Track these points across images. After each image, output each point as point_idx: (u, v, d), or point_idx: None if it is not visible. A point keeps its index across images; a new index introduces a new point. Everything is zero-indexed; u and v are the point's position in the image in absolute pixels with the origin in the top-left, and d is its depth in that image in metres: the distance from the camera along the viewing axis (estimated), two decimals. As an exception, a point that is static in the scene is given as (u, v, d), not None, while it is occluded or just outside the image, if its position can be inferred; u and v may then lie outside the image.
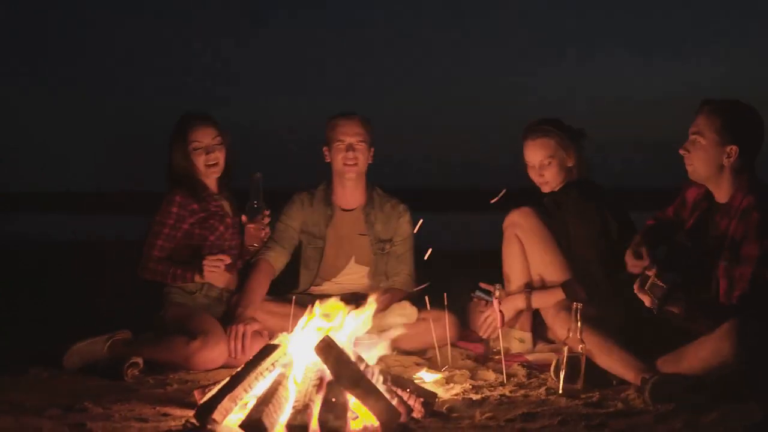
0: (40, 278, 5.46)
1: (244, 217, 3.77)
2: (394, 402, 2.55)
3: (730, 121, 2.95)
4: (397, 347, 3.72)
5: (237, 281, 3.84)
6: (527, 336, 3.65)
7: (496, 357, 3.46)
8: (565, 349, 2.93)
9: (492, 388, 3.04)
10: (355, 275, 4.03)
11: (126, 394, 2.98)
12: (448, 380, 3.19)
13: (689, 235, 3.16)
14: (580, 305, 2.96)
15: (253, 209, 3.71)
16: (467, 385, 3.08)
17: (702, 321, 2.82)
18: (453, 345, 3.61)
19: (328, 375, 2.56)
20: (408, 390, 2.66)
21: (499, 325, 3.50)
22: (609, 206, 3.51)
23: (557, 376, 2.96)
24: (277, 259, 3.90)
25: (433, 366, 3.43)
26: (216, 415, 2.48)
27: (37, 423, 2.49)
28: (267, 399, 2.47)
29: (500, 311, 3.52)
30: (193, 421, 2.51)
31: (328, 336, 2.59)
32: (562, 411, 2.66)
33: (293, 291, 3.99)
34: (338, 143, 3.90)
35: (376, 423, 2.48)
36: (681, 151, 3.05)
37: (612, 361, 3.00)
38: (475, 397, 2.89)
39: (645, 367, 2.89)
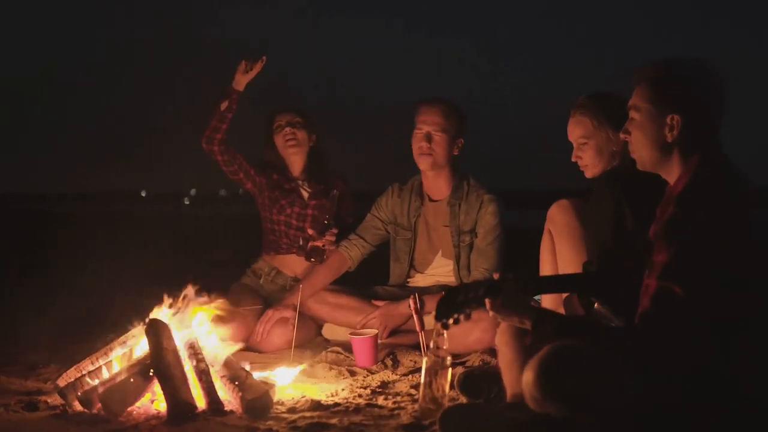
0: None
1: (311, 231, 3.78)
2: (200, 393, 2.53)
3: (666, 84, 2.18)
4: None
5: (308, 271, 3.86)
6: None
7: None
8: (424, 360, 2.51)
9: (387, 396, 2.78)
10: (442, 269, 3.80)
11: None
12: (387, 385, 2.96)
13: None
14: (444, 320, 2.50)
15: (322, 225, 3.73)
16: (367, 391, 2.85)
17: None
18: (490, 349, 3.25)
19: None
20: (235, 384, 2.57)
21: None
22: (637, 204, 2.80)
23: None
24: (353, 251, 3.83)
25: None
26: (59, 380, 2.73)
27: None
28: (93, 372, 2.65)
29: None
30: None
31: (154, 318, 2.64)
32: (366, 425, 2.37)
33: (386, 284, 3.89)
34: (417, 130, 3.69)
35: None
36: (622, 136, 2.31)
37: (508, 378, 2.49)
38: (327, 401, 2.68)
39: (515, 394, 2.34)
